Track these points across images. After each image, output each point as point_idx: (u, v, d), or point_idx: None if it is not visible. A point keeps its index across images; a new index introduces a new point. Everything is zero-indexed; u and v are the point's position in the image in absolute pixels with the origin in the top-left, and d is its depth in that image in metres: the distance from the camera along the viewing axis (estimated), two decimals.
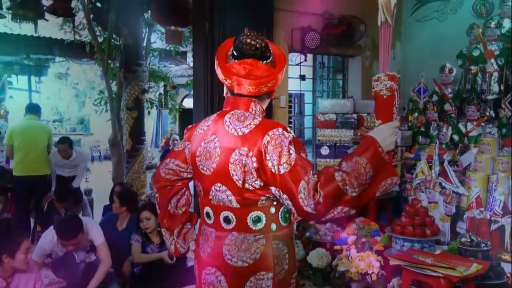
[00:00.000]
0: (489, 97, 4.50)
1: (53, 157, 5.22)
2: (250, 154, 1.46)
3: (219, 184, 1.55)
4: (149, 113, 7.91)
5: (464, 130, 4.55)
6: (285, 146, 1.43)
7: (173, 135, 7.77)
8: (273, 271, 1.54)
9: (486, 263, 2.79)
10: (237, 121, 1.54)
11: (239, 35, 1.58)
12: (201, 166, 1.61)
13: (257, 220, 1.54)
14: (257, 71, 1.56)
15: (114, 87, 6.34)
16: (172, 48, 7.73)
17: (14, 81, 9.38)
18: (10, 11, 4.99)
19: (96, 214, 5.44)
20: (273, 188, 1.47)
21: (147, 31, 6.59)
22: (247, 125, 1.51)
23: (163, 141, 11.17)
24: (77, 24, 6.93)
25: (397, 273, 3.15)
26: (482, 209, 3.60)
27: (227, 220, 1.56)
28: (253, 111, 1.58)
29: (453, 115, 4.84)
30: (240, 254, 1.54)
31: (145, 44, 6.40)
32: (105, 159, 13.25)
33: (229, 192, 1.53)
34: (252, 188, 1.50)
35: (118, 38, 5.98)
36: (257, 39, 1.55)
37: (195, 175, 1.68)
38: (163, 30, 6.60)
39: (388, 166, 1.44)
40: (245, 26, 1.60)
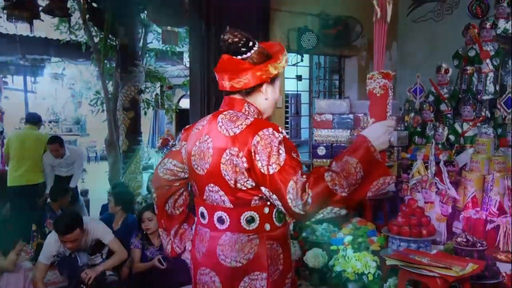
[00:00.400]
0: (485, 97, 4.52)
1: (47, 158, 5.17)
2: (241, 155, 1.45)
3: (212, 185, 1.55)
4: (145, 113, 7.89)
5: (460, 130, 4.57)
6: (275, 146, 1.42)
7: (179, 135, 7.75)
8: (267, 271, 1.53)
9: (482, 263, 2.80)
10: (229, 121, 1.53)
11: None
12: (195, 166, 1.60)
13: (250, 220, 1.53)
14: (229, 66, 1.55)
15: (111, 87, 6.32)
16: (168, 49, 7.71)
17: (10, 82, 9.36)
18: (5, 11, 4.97)
19: (92, 215, 5.43)
20: (263, 188, 1.46)
21: (143, 31, 6.57)
22: (238, 125, 1.50)
23: (160, 141, 11.14)
24: (73, 24, 6.90)
25: (393, 273, 3.16)
26: (478, 209, 3.61)
27: (220, 220, 1.56)
28: (246, 111, 1.57)
29: (449, 115, 4.86)
30: (234, 254, 1.54)
31: (141, 44, 6.39)
32: (101, 159, 13.21)
33: (222, 192, 1.53)
34: (245, 188, 1.49)
35: (114, 38, 5.97)
36: (232, 35, 1.54)
37: (191, 175, 1.68)
38: (159, 30, 6.59)
39: (380, 165, 1.41)
40: (230, 26, 1.60)
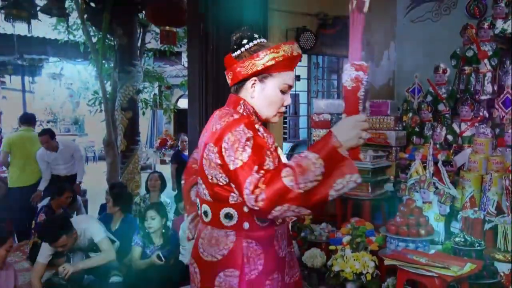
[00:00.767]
0: (483, 97, 4.52)
1: (41, 155, 5.16)
2: (215, 150, 1.49)
3: (199, 178, 1.62)
4: (143, 113, 7.89)
5: (458, 130, 4.57)
6: (242, 143, 1.42)
7: (182, 135, 7.73)
8: (241, 270, 1.52)
9: (480, 263, 2.80)
10: (219, 117, 1.56)
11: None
12: (198, 159, 1.67)
13: (228, 216, 1.53)
14: (225, 63, 1.64)
15: (109, 87, 6.32)
16: (166, 48, 7.72)
17: (8, 81, 9.35)
18: (3, 11, 4.96)
19: (90, 215, 5.42)
20: (232, 184, 1.47)
21: (141, 31, 6.57)
22: (222, 121, 1.52)
23: (158, 141, 11.15)
24: (71, 24, 6.90)
25: (391, 273, 3.16)
26: (476, 209, 3.62)
27: (205, 214, 1.60)
28: (241, 109, 1.60)
29: (447, 115, 4.86)
30: (210, 248, 1.57)
31: (139, 44, 6.38)
32: (99, 159, 13.21)
33: (203, 186, 1.58)
34: (221, 184, 1.51)
35: (113, 38, 5.96)
36: (235, 34, 1.62)
37: None
38: (157, 30, 6.58)
39: (346, 162, 1.33)
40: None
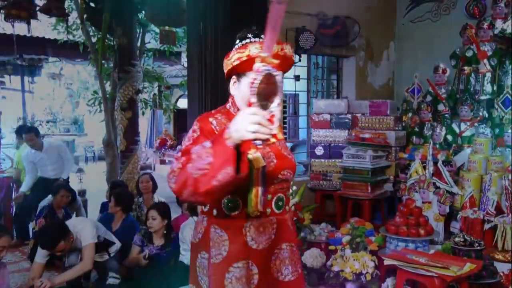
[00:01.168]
0: (482, 97, 4.52)
1: (27, 155, 5.09)
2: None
3: None
4: (143, 113, 7.89)
5: (457, 130, 4.58)
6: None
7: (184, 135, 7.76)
8: (209, 253, 1.61)
9: (480, 263, 2.81)
10: None
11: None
12: None
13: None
14: None
15: (108, 87, 6.31)
16: (166, 48, 7.71)
17: (7, 81, 9.34)
18: (3, 11, 4.96)
19: (90, 215, 5.41)
20: None
21: (141, 31, 6.57)
22: None
23: (158, 141, 11.13)
24: (70, 24, 6.89)
25: (391, 273, 3.16)
26: (476, 208, 3.62)
27: None
28: (229, 104, 1.70)
29: (446, 115, 4.87)
30: (194, 231, 1.72)
31: (139, 44, 6.38)
32: (99, 159, 13.19)
33: None
34: None
35: (112, 38, 5.95)
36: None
37: None
38: (157, 30, 6.59)
39: (225, 153, 1.28)
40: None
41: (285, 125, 6.30)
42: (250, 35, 1.62)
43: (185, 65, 6.90)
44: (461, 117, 4.57)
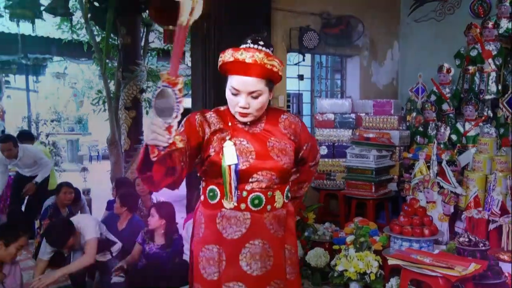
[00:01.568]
0: (487, 97, 4.51)
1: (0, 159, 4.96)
2: None
3: None
4: (147, 112, 7.88)
5: (462, 130, 4.56)
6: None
7: None
8: (192, 233, 1.87)
9: (484, 263, 2.80)
10: None
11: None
12: None
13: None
14: None
15: (112, 86, 6.32)
16: (170, 48, 7.71)
17: (12, 81, 9.37)
18: (8, 10, 4.98)
19: (94, 214, 5.42)
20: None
21: (145, 30, 6.58)
22: None
23: None
24: (74, 23, 6.92)
25: (395, 272, 3.16)
26: (480, 208, 3.61)
27: None
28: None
29: (451, 115, 4.85)
30: None
31: (143, 43, 6.39)
32: (103, 158, 13.23)
33: None
34: None
35: (116, 38, 5.97)
36: None
37: None
38: (161, 29, 6.58)
39: (140, 153, 1.52)
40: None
41: None
42: (249, 41, 1.70)
43: (189, 64, 6.90)
44: (465, 116, 4.55)
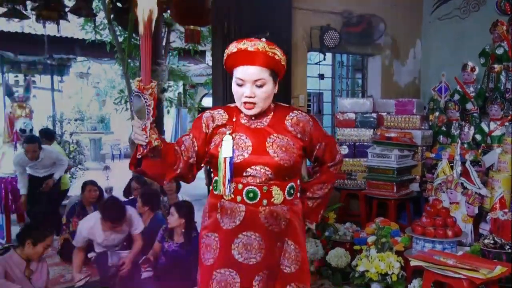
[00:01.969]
0: None
1: (19, 161, 4.90)
2: None
3: None
4: (168, 112, 7.99)
5: (486, 130, 4.47)
6: None
7: None
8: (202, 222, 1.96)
9: (511, 266, 2.74)
10: None
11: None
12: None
13: None
14: None
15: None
16: (191, 47, 7.78)
17: (38, 81, 9.59)
18: (34, 12, 5.09)
19: None
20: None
21: (166, 30, 6.65)
22: None
23: None
24: (98, 24, 7.03)
25: (418, 274, 3.12)
26: (506, 210, 3.53)
27: None
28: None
29: (475, 114, 4.76)
30: None
31: (164, 43, 6.46)
32: (125, 157, 13.43)
33: None
34: None
35: (138, 38, 6.02)
36: None
37: None
38: (182, 29, 6.64)
39: (135, 150, 1.72)
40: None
41: None
42: (262, 38, 1.80)
43: (210, 64, 6.96)
44: (490, 116, 4.46)
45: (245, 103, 1.78)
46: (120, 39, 6.46)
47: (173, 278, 3.52)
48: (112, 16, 5.90)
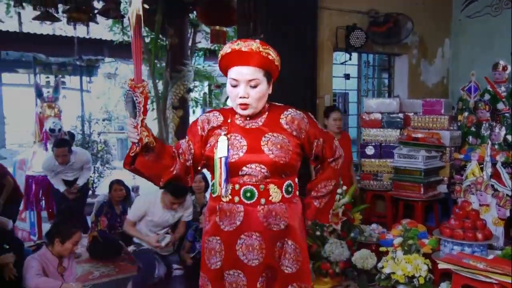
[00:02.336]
0: None
1: (49, 166, 4.88)
2: None
3: None
4: (194, 112, 8.06)
5: None
6: None
7: None
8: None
9: None
10: None
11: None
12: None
13: None
14: None
15: (160, 86, 6.50)
16: (216, 48, 7.83)
17: (67, 81, 9.85)
18: (65, 15, 5.23)
19: None
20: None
21: (192, 31, 6.71)
22: None
23: None
24: (125, 25, 7.15)
25: (446, 277, 3.07)
26: None
27: None
28: None
29: (507, 114, 4.63)
30: None
31: (190, 44, 6.53)
32: None
33: None
34: None
35: (164, 39, 6.13)
36: None
37: None
38: (208, 30, 6.70)
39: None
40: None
41: None
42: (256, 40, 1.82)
43: None
44: None
45: (239, 103, 1.80)
46: (147, 40, 6.56)
47: None
48: None
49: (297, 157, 1.87)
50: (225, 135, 1.82)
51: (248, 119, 1.86)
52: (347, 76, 5.43)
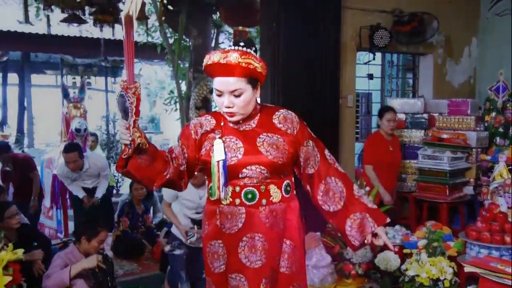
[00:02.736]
0: None
1: (61, 169, 4.62)
2: None
3: None
4: None
5: None
6: None
7: None
8: (203, 230, 1.96)
9: None
10: None
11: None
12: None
13: None
14: None
15: (184, 87, 6.56)
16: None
17: (93, 82, 10.06)
18: (92, 17, 5.34)
19: None
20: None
21: (215, 31, 6.76)
22: None
23: None
24: (149, 26, 7.26)
25: (472, 280, 3.00)
26: None
27: None
28: None
29: None
30: None
31: (213, 44, 6.57)
32: None
33: None
34: None
35: (188, 39, 6.19)
36: None
37: None
38: (231, 30, 6.74)
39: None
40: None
41: (357, 124, 6.17)
42: (231, 43, 1.80)
43: None
44: None
45: (226, 112, 1.80)
46: (170, 41, 6.64)
47: None
48: (163, 18, 6.08)
49: (293, 156, 1.87)
50: (219, 138, 1.82)
51: (240, 122, 1.85)
52: (370, 76, 5.38)
